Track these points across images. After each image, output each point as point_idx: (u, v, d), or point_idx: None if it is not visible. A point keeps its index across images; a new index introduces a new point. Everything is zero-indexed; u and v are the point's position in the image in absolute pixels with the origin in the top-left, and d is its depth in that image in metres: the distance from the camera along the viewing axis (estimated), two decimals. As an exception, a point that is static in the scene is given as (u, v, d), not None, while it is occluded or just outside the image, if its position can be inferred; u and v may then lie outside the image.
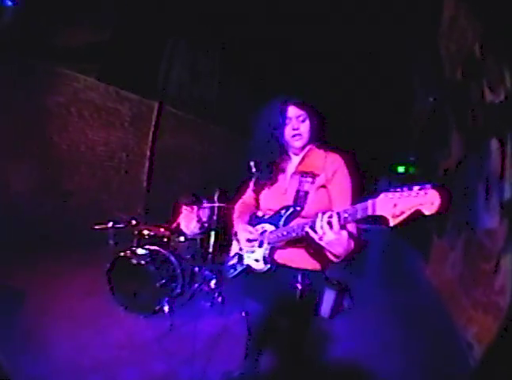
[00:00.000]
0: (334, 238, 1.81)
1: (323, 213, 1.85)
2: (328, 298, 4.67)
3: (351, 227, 2.01)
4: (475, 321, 4.69)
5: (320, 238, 1.85)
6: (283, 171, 2.44)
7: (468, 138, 6.37)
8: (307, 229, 1.92)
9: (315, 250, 2.12)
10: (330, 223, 1.81)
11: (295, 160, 2.43)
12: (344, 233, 1.84)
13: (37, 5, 6.92)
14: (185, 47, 11.33)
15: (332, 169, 2.20)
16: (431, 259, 8.44)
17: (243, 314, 2.67)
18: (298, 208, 2.20)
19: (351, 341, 4.57)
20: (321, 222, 1.83)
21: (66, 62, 7.83)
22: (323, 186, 2.20)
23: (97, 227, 4.92)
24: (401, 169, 16.55)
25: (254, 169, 2.48)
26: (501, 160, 4.59)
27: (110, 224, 4.95)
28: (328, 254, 2.01)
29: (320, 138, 2.40)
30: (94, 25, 8.33)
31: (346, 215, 1.79)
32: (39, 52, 7.08)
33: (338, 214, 1.81)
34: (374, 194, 1.72)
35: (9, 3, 6.51)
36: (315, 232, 1.85)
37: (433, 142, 9.79)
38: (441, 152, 8.55)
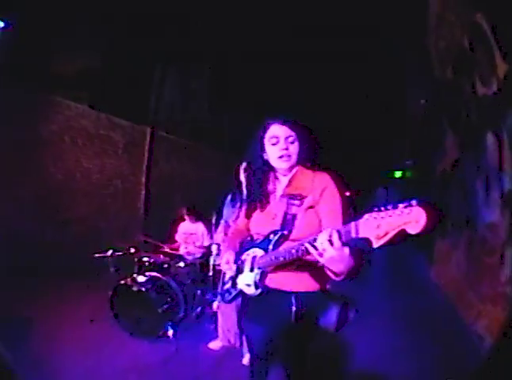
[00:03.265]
0: (335, 254, 1.72)
1: (310, 234, 1.80)
2: (332, 312, 4.61)
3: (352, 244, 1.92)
4: (484, 315, 4.68)
5: (320, 254, 1.77)
6: (273, 194, 2.40)
7: (463, 136, 6.40)
8: (307, 244, 1.84)
9: (309, 272, 2.08)
10: (330, 241, 1.71)
11: (283, 181, 2.37)
12: (346, 249, 1.75)
13: (28, 34, 6.95)
14: (174, 71, 11.38)
15: (320, 188, 2.14)
16: (435, 260, 8.44)
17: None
18: (285, 232, 2.15)
19: (362, 349, 4.52)
20: (322, 239, 1.74)
21: (57, 90, 7.87)
22: (311, 207, 2.16)
23: (97, 256, 4.94)
24: (398, 174, 16.62)
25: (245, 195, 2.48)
26: (498, 152, 4.59)
27: (110, 252, 4.97)
28: (328, 272, 1.93)
29: (309, 160, 2.33)
30: (83, 53, 8.40)
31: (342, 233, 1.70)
32: (31, 80, 7.10)
33: (338, 231, 1.71)
34: (359, 215, 1.62)
35: (1, 24, 6.54)
36: (316, 248, 1.78)
37: (428, 144, 9.84)
38: (437, 153, 8.59)
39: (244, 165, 4.36)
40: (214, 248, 4.64)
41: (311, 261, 1.92)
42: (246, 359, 4.02)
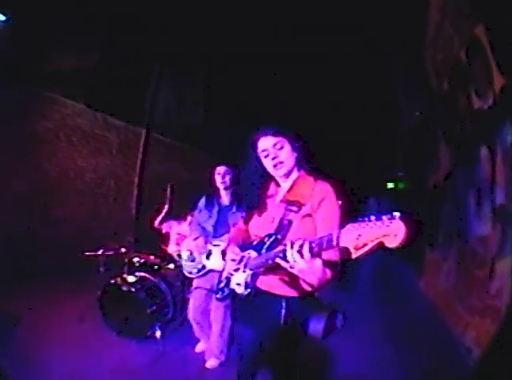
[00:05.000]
0: (305, 266, 1.78)
1: (293, 242, 1.83)
2: (319, 319, 4.57)
3: (330, 255, 1.98)
4: (472, 327, 4.69)
5: (291, 267, 1.83)
6: (272, 198, 2.44)
7: (457, 148, 6.43)
8: (277, 259, 1.91)
9: (294, 277, 2.10)
10: (300, 252, 1.78)
11: (284, 186, 2.41)
12: (317, 261, 1.82)
13: (25, 30, 6.94)
14: (170, 73, 11.39)
15: (319, 197, 2.17)
16: (424, 271, 8.44)
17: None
18: (279, 237, 2.18)
19: (349, 359, 4.51)
20: (291, 251, 1.80)
21: (55, 87, 7.86)
22: (309, 215, 2.18)
23: (87, 254, 4.92)
24: (390, 185, 16.61)
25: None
26: (491, 166, 4.63)
27: (100, 251, 4.95)
28: (302, 283, 2.02)
29: (306, 161, 2.38)
30: (82, 50, 8.39)
31: (314, 245, 1.76)
32: (27, 77, 7.09)
33: (309, 243, 1.77)
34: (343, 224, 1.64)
35: (1, 18, 6.50)
36: (287, 261, 1.84)
37: (421, 155, 9.86)
38: (430, 165, 8.61)
39: (220, 168, 4.32)
40: (184, 254, 4.45)
41: None
42: (210, 363, 4.05)
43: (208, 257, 3.94)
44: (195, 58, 11.67)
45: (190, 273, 4.30)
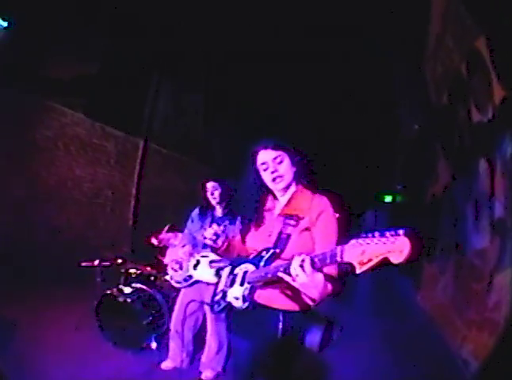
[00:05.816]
0: (306, 280, 1.79)
1: (296, 256, 1.84)
2: (315, 332, 4.52)
3: (330, 269, 2.00)
4: (469, 339, 4.68)
5: (293, 280, 1.83)
6: (270, 212, 2.43)
7: (456, 162, 6.44)
8: (280, 273, 1.92)
9: (294, 291, 2.08)
10: (302, 266, 1.79)
11: (282, 201, 2.40)
12: (319, 276, 1.83)
13: (25, 38, 6.95)
14: (170, 84, 11.40)
15: (317, 211, 2.19)
16: (422, 284, 8.44)
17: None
18: (277, 250, 2.19)
19: (346, 371, 4.46)
20: (294, 265, 1.81)
21: (54, 96, 7.86)
22: (307, 229, 2.19)
23: (84, 264, 4.91)
24: (388, 199, 16.60)
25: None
26: (490, 179, 4.63)
27: (97, 262, 4.93)
28: (304, 297, 2.00)
29: (305, 176, 2.38)
30: (80, 60, 8.39)
31: (316, 260, 1.78)
32: (27, 85, 7.09)
33: (310, 258, 1.79)
34: (347, 239, 1.68)
35: (3, 25, 6.49)
36: (289, 274, 1.85)
37: (420, 169, 9.88)
38: (428, 178, 8.63)
39: (208, 185, 4.31)
40: (176, 266, 4.44)
41: None
42: (206, 374, 4.00)
43: (195, 267, 3.92)
44: (194, 64, 11.68)
45: (177, 282, 4.27)
